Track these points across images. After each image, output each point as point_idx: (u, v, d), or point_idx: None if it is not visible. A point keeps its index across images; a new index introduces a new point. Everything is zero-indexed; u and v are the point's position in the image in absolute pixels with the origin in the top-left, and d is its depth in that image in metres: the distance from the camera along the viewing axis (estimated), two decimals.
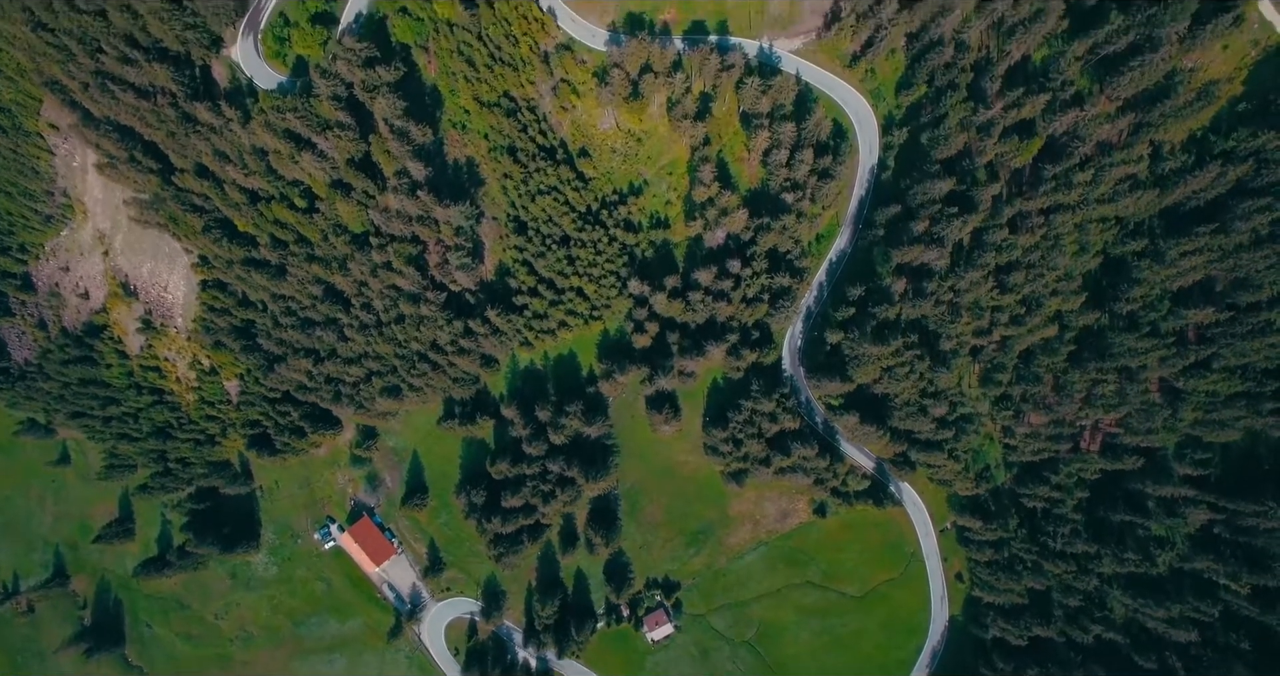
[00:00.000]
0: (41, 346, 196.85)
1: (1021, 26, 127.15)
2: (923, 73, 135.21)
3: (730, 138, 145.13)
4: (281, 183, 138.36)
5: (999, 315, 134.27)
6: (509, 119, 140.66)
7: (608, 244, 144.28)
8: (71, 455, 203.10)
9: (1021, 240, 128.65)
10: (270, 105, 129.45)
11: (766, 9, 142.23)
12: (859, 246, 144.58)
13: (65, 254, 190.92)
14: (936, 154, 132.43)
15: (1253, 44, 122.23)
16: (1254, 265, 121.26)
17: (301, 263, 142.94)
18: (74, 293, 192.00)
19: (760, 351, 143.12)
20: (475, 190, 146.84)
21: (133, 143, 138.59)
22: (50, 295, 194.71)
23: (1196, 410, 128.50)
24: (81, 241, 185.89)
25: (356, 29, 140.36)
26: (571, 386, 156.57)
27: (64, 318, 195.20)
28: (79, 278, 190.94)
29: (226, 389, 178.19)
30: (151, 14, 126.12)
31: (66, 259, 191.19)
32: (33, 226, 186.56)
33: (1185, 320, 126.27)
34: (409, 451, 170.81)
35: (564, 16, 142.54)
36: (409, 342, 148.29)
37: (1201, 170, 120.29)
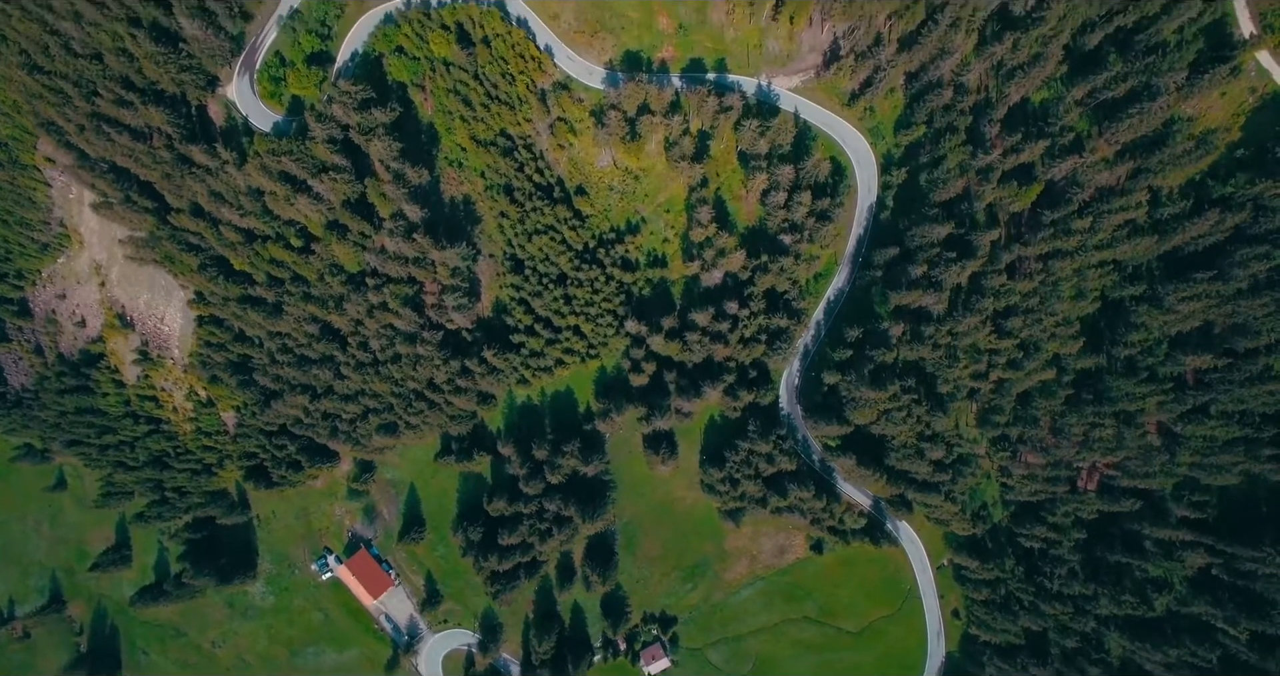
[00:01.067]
0: (38, 372, 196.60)
1: (1021, 70, 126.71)
2: (922, 112, 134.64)
3: (728, 176, 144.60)
4: (277, 222, 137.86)
5: (996, 358, 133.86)
6: (505, 158, 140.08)
7: (604, 283, 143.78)
8: (68, 480, 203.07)
9: (1020, 286, 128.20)
10: (265, 148, 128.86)
11: (765, 47, 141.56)
12: (857, 286, 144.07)
13: (62, 281, 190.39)
14: (935, 196, 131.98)
15: (1250, 91, 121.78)
16: (1252, 312, 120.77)
17: (298, 301, 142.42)
18: (70, 320, 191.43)
19: (757, 391, 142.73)
20: (472, 228, 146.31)
21: (128, 183, 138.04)
22: (47, 321, 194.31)
23: (1194, 454, 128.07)
24: (78, 270, 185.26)
25: (352, 68, 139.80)
26: (568, 422, 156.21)
27: (60, 344, 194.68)
28: (75, 305, 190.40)
29: (223, 420, 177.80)
30: (147, 58, 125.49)
31: (63, 286, 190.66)
32: (29, 253, 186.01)
33: (1183, 366, 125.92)
34: (406, 484, 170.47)
35: (561, 55, 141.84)
36: (405, 381, 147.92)
37: (1200, 217, 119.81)
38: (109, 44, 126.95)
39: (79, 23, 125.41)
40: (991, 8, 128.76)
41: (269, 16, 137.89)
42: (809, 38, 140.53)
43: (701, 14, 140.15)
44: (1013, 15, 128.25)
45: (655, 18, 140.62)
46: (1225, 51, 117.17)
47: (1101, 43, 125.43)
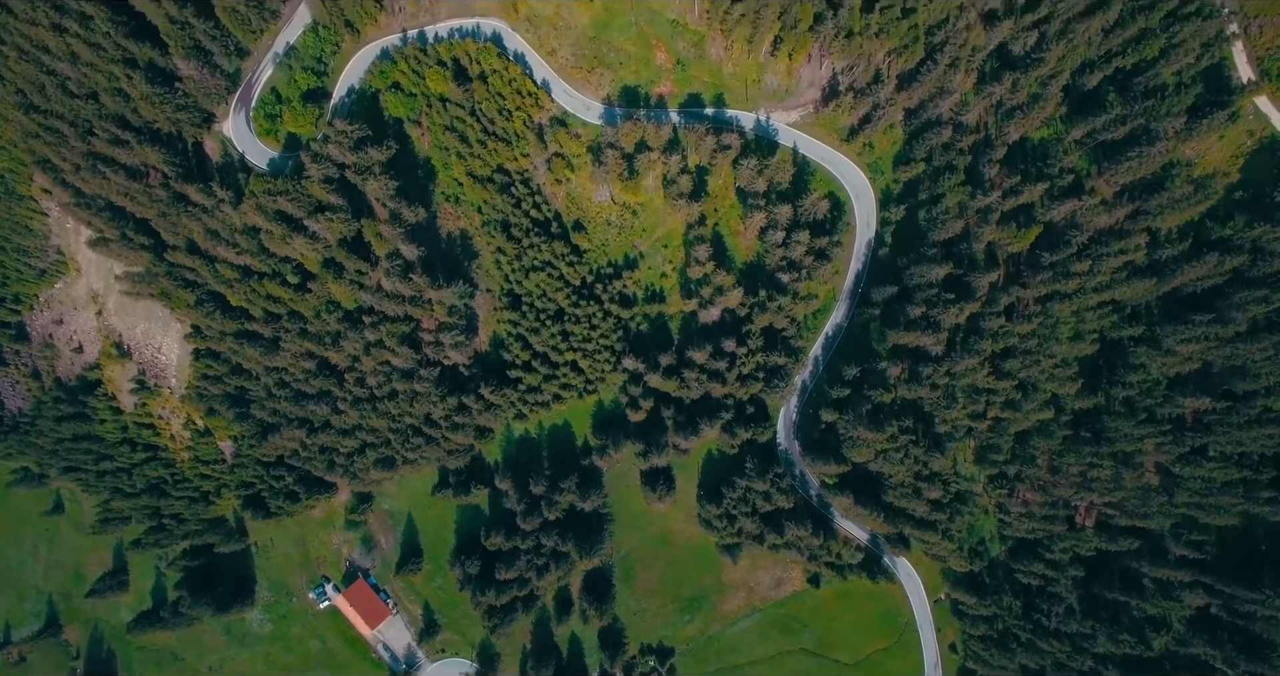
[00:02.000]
0: (35, 396, 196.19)
1: (1020, 111, 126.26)
2: (921, 149, 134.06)
3: (726, 211, 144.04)
4: (274, 259, 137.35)
5: (994, 398, 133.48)
6: (502, 194, 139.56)
7: (602, 319, 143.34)
8: (65, 504, 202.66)
9: (1018, 327, 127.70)
10: (261, 189, 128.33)
11: (763, 82, 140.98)
12: (855, 322, 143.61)
13: (59, 306, 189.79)
14: (934, 235, 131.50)
15: (1248, 134, 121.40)
16: (1251, 355, 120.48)
17: (294, 338, 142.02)
18: (68, 346, 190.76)
19: (755, 429, 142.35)
20: (469, 263, 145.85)
21: (124, 221, 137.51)
22: (44, 346, 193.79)
23: (1192, 495, 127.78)
24: (75, 296, 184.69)
25: (348, 104, 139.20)
26: (566, 454, 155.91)
27: (58, 368, 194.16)
28: (73, 332, 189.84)
29: (221, 449, 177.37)
30: (143, 99, 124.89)
31: (60, 312, 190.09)
32: (26, 279, 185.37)
33: (1182, 408, 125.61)
34: (404, 514, 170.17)
35: (558, 89, 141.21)
36: (403, 417, 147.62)
37: (1199, 260, 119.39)
38: (105, 84, 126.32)
39: (75, 63, 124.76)
40: (990, 47, 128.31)
41: (265, 53, 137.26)
42: (808, 73, 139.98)
43: (700, 49, 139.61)
44: (1012, 55, 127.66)
45: (653, 52, 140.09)
46: (1224, 96, 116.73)
47: (1101, 83, 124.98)
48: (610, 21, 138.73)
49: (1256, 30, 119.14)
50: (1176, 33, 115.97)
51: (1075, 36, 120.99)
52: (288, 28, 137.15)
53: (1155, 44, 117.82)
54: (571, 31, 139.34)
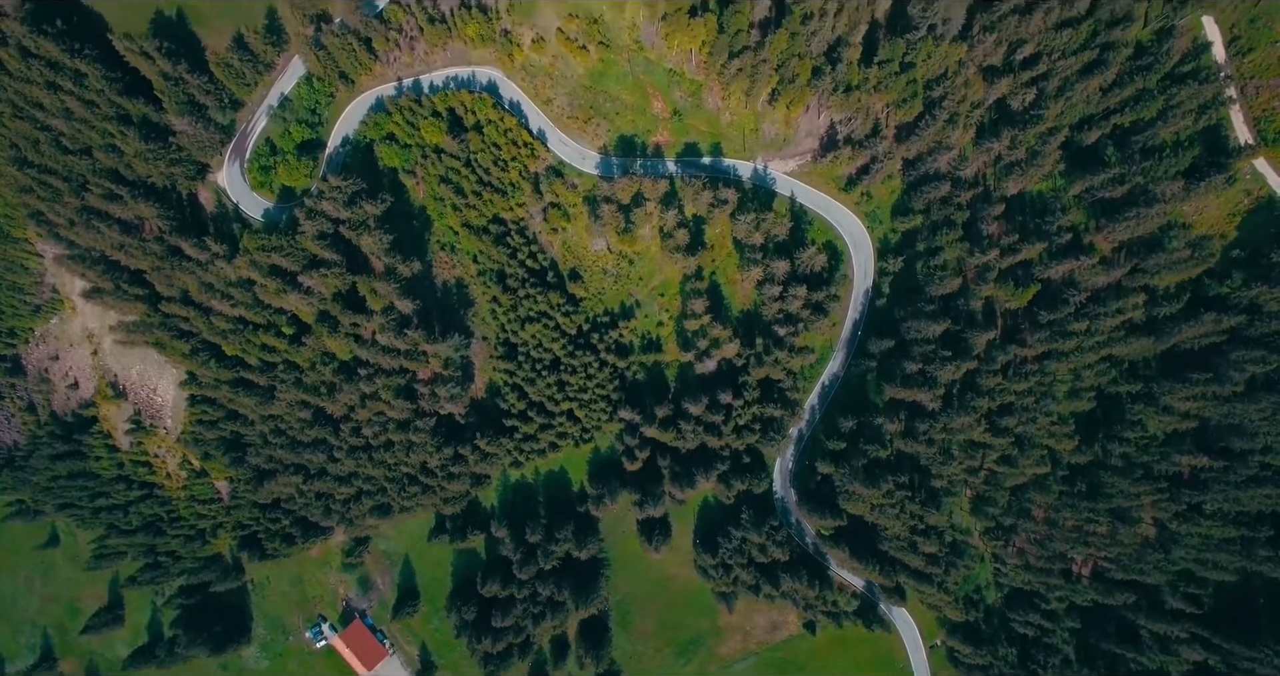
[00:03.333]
0: (31, 430, 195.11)
1: (1018, 167, 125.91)
2: (919, 200, 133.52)
3: (724, 259, 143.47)
4: (268, 311, 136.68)
5: (990, 452, 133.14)
6: (498, 246, 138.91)
7: (598, 369, 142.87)
8: (61, 537, 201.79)
9: (1015, 385, 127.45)
10: (255, 245, 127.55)
11: (761, 131, 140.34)
12: (852, 372, 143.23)
13: (54, 342, 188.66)
14: (931, 290, 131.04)
15: (1245, 193, 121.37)
16: (1248, 415, 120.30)
17: (290, 388, 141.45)
18: (63, 382, 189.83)
19: (751, 480, 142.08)
20: (464, 311, 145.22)
21: (119, 273, 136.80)
22: (40, 380, 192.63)
23: (1189, 552, 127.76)
24: (70, 333, 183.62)
25: (343, 154, 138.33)
26: (562, 500, 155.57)
27: (53, 402, 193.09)
28: (68, 367, 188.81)
29: (217, 488, 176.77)
30: (137, 155, 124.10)
31: (55, 347, 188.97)
32: (21, 314, 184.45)
33: (1179, 466, 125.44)
34: (401, 555, 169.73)
35: (554, 139, 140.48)
36: (399, 465, 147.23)
37: (1197, 321, 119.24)
38: (98, 141, 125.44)
39: (69, 119, 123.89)
40: (989, 102, 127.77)
41: (259, 103, 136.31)
42: (805, 122, 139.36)
43: (697, 98, 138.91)
44: (1010, 110, 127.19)
45: (650, 102, 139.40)
46: (1221, 158, 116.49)
47: (1100, 140, 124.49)
48: (607, 71, 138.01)
49: (1253, 91, 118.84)
50: (1174, 95, 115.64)
51: (1073, 94, 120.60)
52: (282, 78, 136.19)
53: (1153, 105, 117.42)
54: (568, 81, 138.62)
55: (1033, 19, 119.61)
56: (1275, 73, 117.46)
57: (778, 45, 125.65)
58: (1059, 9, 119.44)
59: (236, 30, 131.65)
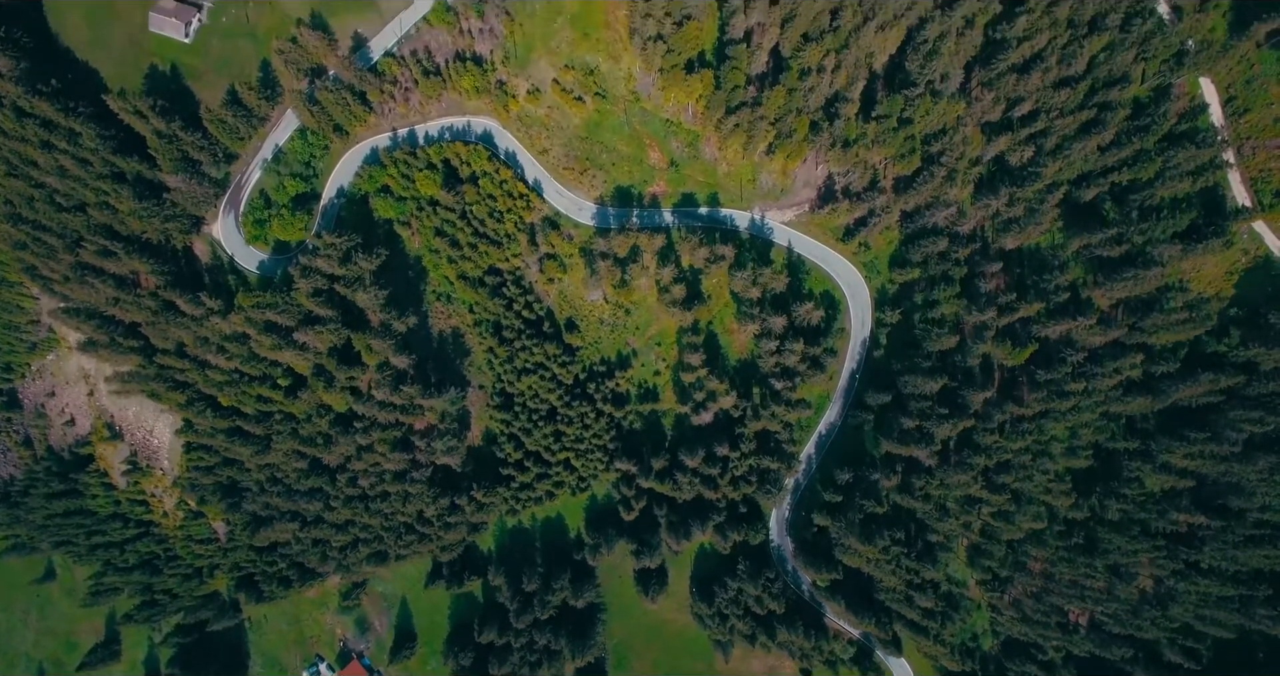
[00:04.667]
0: (27, 465, 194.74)
1: (1016, 223, 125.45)
2: (917, 253, 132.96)
3: (721, 309, 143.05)
4: (264, 364, 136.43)
5: (986, 507, 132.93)
6: (494, 298, 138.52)
7: (595, 419, 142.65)
8: (58, 571, 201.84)
9: (1012, 443, 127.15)
10: (250, 303, 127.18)
11: (758, 181, 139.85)
12: (849, 423, 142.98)
13: (51, 378, 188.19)
14: (928, 346, 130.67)
15: (1243, 252, 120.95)
16: (1246, 475, 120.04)
17: (286, 438, 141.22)
18: (59, 418, 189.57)
19: (748, 531, 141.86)
20: (461, 360, 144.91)
21: (113, 327, 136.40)
22: (36, 415, 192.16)
23: (1187, 609, 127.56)
24: (67, 371, 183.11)
25: (338, 205, 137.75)
26: (559, 545, 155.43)
27: (50, 437, 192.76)
28: (65, 404, 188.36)
29: (214, 528, 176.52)
30: (130, 214, 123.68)
31: (52, 384, 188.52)
32: (17, 350, 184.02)
33: (1177, 524, 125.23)
34: (398, 597, 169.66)
35: (550, 189, 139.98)
36: (395, 515, 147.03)
37: (1195, 381, 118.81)
38: (92, 199, 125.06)
39: (62, 177, 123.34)
40: (987, 158, 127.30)
41: (253, 155, 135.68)
42: (803, 173, 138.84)
43: (694, 148, 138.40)
44: (1009, 165, 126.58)
45: (646, 152, 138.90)
46: (1219, 221, 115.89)
47: (1098, 196, 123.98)
48: (603, 121, 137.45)
49: (1250, 151, 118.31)
50: (1171, 157, 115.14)
51: (1071, 153, 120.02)
52: (276, 130, 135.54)
53: (1151, 167, 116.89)
54: (563, 131, 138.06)
55: (1031, 77, 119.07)
56: (1271, 134, 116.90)
57: (775, 101, 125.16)
58: (1057, 68, 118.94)
59: (230, 84, 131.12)
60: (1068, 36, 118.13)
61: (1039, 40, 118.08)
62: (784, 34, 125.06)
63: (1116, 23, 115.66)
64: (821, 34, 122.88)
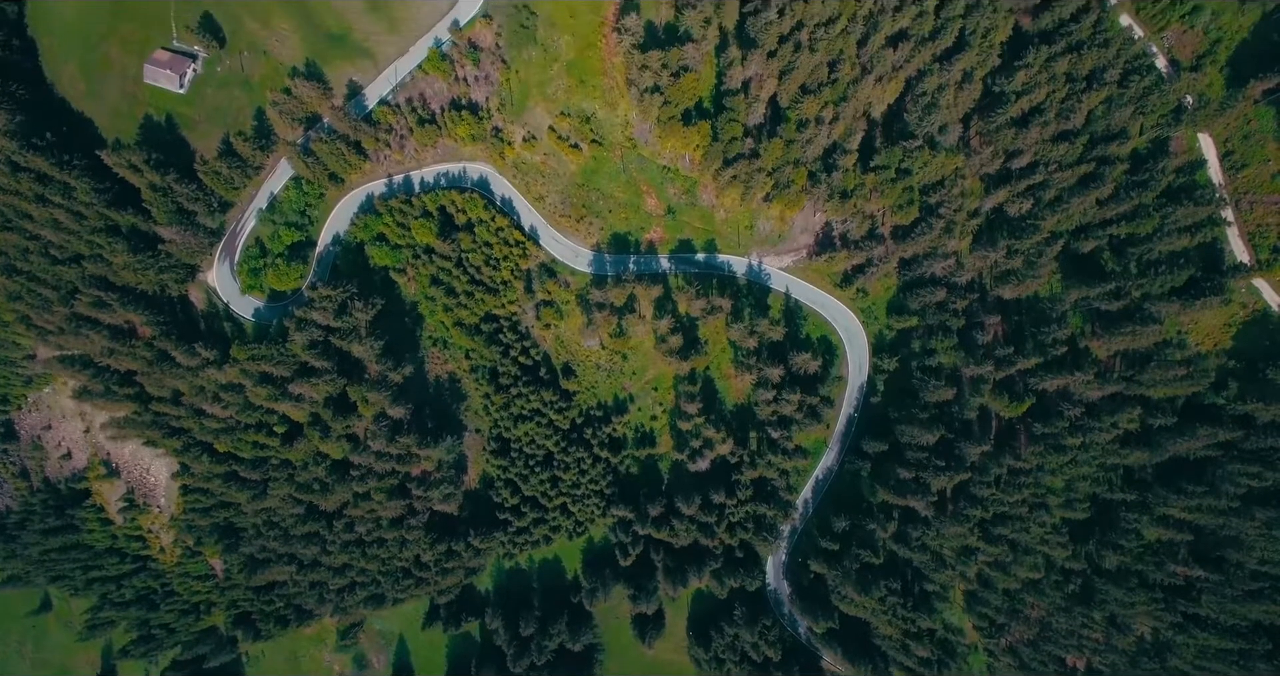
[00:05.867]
0: (23, 496, 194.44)
1: (1014, 275, 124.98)
2: (915, 301, 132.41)
3: (718, 355, 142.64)
4: (260, 412, 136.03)
5: (983, 556, 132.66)
6: (490, 346, 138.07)
7: (591, 465, 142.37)
8: (54, 602, 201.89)
9: (1009, 497, 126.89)
10: (245, 356, 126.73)
11: (756, 228, 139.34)
12: (846, 469, 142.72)
13: (48, 411, 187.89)
14: (926, 397, 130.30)
15: (1241, 305, 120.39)
16: (1244, 529, 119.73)
17: (282, 484, 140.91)
18: (56, 451, 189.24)
19: (745, 577, 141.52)
20: (457, 405, 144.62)
21: (108, 376, 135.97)
22: (33, 447, 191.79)
23: (1185, 662, 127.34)
24: (63, 405, 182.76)
25: (333, 252, 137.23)
26: (556, 588, 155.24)
27: (46, 469, 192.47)
28: (61, 437, 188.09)
29: (211, 565, 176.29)
30: (125, 267, 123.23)
31: (49, 417, 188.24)
32: (13, 384, 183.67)
33: (1175, 577, 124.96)
34: (395, 635, 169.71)
35: (546, 235, 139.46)
36: (392, 560, 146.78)
37: (1192, 436, 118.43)
38: (87, 251, 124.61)
39: (57, 229, 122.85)
40: (986, 209, 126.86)
41: (248, 203, 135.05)
42: (801, 219, 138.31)
43: (691, 195, 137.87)
44: (1008, 216, 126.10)
45: (643, 199, 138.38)
46: (1217, 278, 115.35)
47: (1097, 248, 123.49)
48: (599, 168, 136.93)
49: (1248, 206, 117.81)
50: (1170, 213, 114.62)
51: (1070, 206, 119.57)
52: (271, 177, 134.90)
53: (1149, 222, 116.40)
54: (560, 178, 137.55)
55: (1030, 132, 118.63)
56: (1269, 189, 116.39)
57: (772, 153, 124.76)
58: (1055, 122, 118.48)
59: (225, 133, 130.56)
60: (1066, 90, 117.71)
61: (1037, 94, 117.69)
62: (782, 85, 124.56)
63: (1115, 78, 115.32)
64: (819, 86, 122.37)
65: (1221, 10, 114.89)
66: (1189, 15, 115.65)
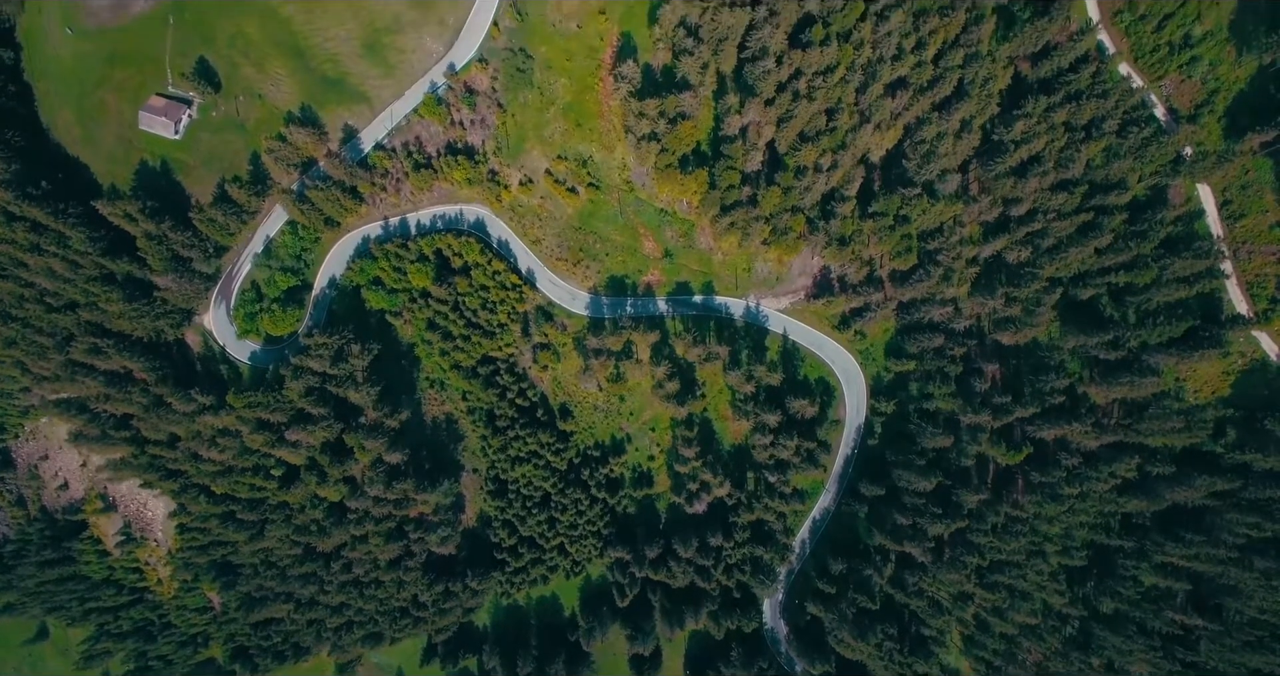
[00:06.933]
0: (19, 524, 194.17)
1: (1013, 323, 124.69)
2: (913, 345, 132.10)
3: (715, 396, 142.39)
4: (257, 455, 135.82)
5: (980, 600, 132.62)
6: (487, 389, 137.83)
7: (589, 506, 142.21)
8: (50, 630, 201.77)
9: (1007, 545, 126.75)
10: (242, 404, 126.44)
11: (754, 270, 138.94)
12: (843, 511, 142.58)
13: (45, 441, 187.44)
14: (923, 442, 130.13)
15: (1240, 354, 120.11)
16: (1243, 580, 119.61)
17: (280, 526, 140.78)
18: (53, 481, 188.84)
19: (742, 619, 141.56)
20: (455, 445, 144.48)
21: (104, 421, 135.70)
22: (30, 476, 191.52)
23: None
24: (59, 435, 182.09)
25: (329, 295, 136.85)
26: (554, 625, 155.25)
27: (43, 497, 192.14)
28: (58, 468, 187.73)
29: (209, 597, 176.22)
30: (120, 316, 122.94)
31: (46, 447, 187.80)
32: (10, 414, 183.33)
33: (1175, 626, 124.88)
34: (394, 667, 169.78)
35: (543, 278, 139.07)
36: (390, 600, 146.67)
37: (1190, 486, 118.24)
38: (82, 300, 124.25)
39: (52, 277, 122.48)
40: (984, 257, 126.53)
41: (244, 246, 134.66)
42: (799, 262, 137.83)
43: (688, 237, 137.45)
44: (1007, 262, 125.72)
45: (640, 242, 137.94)
46: (1216, 329, 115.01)
47: (1096, 295, 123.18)
48: (596, 211, 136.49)
49: (1245, 255, 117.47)
50: (1168, 264, 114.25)
51: (1069, 255, 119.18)
52: (267, 221, 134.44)
53: (1148, 273, 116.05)
54: (556, 221, 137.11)
55: (1029, 181, 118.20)
56: (1267, 240, 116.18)
57: (770, 201, 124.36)
58: (1054, 172, 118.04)
59: (220, 177, 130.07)
60: (1065, 140, 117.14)
61: (1036, 143, 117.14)
62: (780, 132, 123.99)
63: (1113, 128, 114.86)
64: (818, 134, 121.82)
65: (1219, 61, 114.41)
66: (1186, 65, 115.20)
